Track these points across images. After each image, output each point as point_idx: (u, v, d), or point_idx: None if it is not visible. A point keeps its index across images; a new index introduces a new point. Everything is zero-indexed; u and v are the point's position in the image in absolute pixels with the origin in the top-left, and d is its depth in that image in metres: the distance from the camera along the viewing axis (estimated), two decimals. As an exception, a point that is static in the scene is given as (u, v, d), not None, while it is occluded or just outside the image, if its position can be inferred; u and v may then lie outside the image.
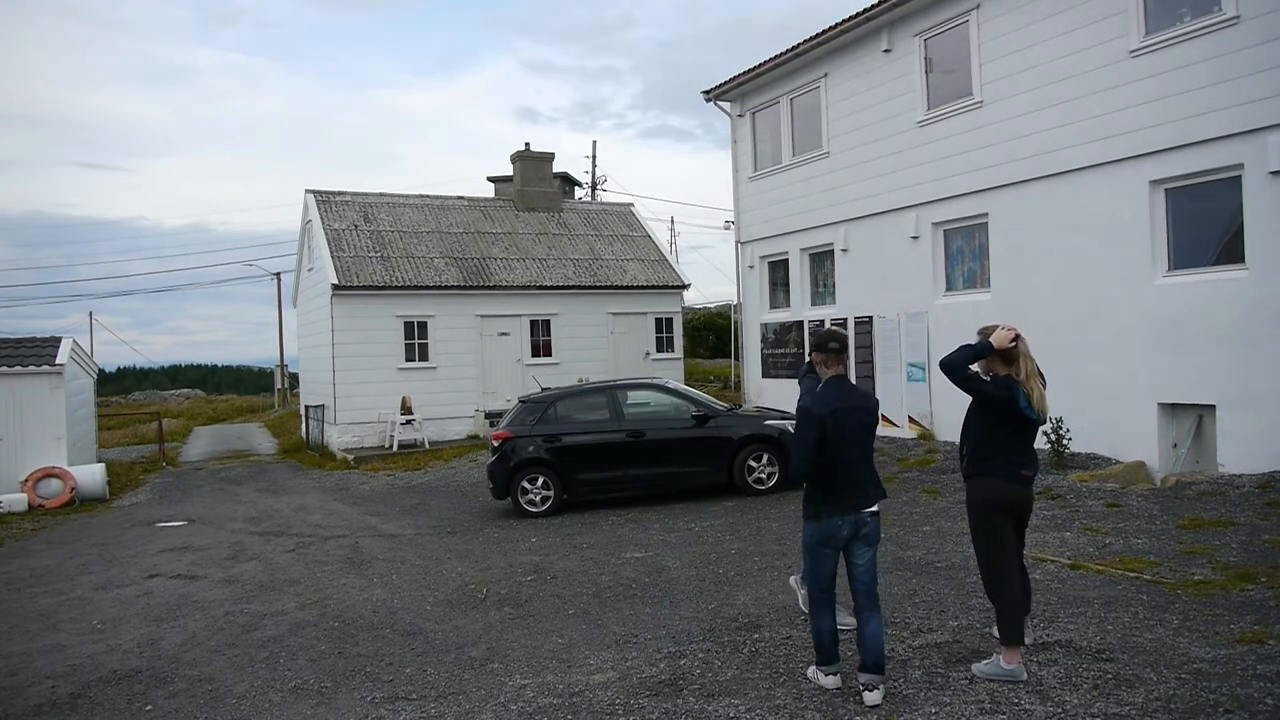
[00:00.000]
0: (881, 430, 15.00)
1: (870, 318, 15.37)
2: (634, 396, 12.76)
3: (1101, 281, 11.50)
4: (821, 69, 16.22)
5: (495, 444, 12.26)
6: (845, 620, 5.65)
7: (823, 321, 16.41)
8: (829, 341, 5.23)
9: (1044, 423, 5.30)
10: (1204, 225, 10.62)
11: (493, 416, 18.55)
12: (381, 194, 23.38)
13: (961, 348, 5.21)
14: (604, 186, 40.66)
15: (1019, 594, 5.22)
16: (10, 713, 5.94)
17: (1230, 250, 10.26)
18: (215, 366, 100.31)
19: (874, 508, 5.09)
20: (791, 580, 6.71)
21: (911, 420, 14.52)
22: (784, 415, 12.86)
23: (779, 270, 18.05)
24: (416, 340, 20.69)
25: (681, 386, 14.04)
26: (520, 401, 12.90)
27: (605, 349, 22.06)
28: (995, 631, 5.30)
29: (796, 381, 5.78)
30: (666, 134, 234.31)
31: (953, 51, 13.68)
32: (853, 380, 5.52)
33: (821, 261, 16.85)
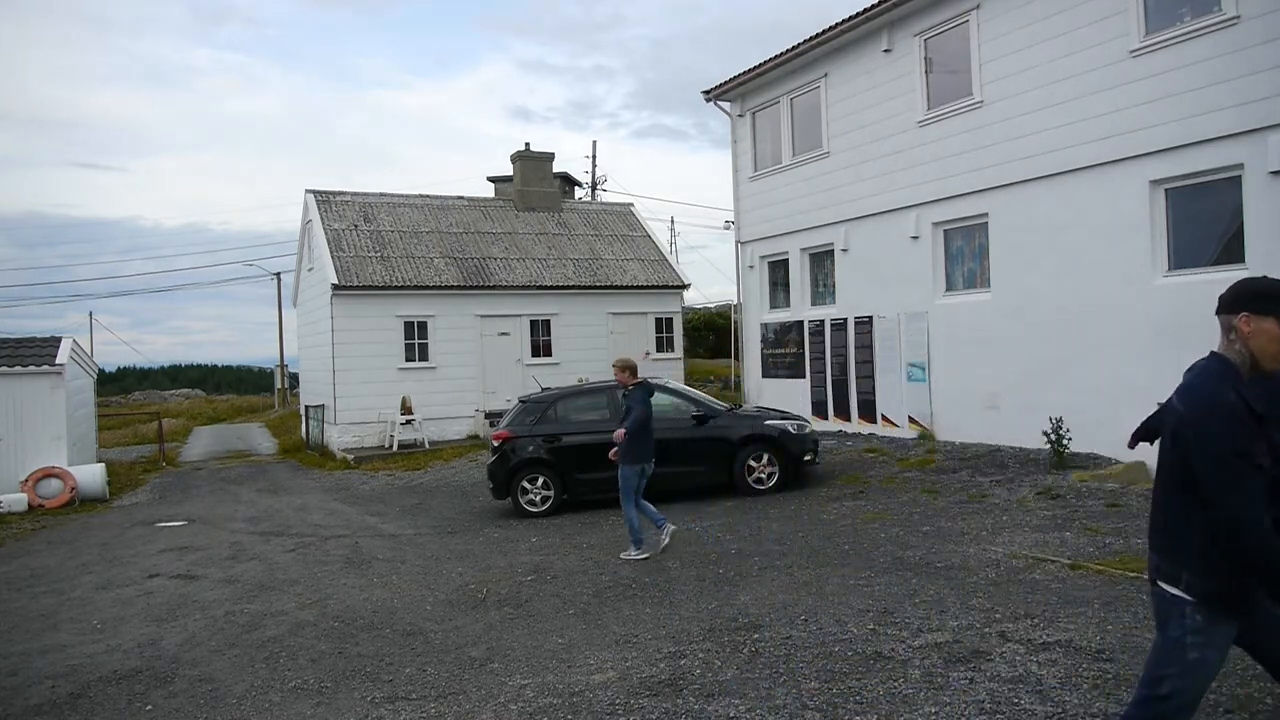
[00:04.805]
0: (881, 430, 15.01)
1: (870, 318, 15.36)
2: (634, 396, 12.73)
3: (1101, 281, 11.50)
4: (821, 69, 16.22)
5: (495, 444, 12.26)
6: None
7: (822, 322, 16.40)
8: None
9: None
10: (1204, 225, 10.61)
11: (493, 416, 18.55)
12: (381, 194, 23.38)
13: None
14: (604, 186, 40.66)
15: None
16: (10, 713, 5.94)
17: (1230, 250, 10.26)
18: (215, 366, 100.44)
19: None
20: None
21: (911, 420, 14.51)
22: (784, 415, 12.85)
23: (779, 270, 18.05)
24: (416, 340, 20.70)
25: (681, 386, 14.03)
26: (520, 401, 12.89)
27: (605, 349, 22.06)
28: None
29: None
30: (661, 133, 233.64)
31: (953, 51, 13.68)
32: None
33: (821, 261, 16.85)
